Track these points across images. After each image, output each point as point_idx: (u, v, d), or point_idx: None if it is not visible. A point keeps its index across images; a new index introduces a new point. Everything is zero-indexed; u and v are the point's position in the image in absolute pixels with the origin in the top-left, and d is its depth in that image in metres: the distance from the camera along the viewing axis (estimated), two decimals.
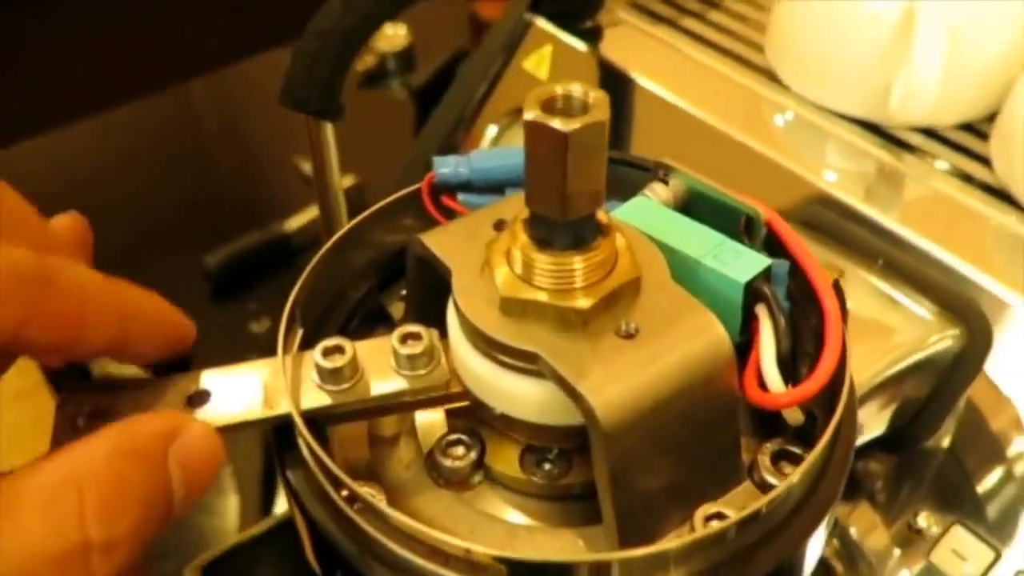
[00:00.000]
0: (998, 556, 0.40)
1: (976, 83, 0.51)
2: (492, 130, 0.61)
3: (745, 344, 0.29)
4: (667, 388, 0.26)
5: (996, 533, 0.40)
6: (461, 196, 0.34)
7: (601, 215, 0.27)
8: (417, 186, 0.34)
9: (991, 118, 0.51)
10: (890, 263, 0.44)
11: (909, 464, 0.45)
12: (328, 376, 0.28)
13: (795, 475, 0.25)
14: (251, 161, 0.90)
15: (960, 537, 0.41)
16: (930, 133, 0.52)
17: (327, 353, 0.28)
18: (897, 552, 0.43)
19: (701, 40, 0.61)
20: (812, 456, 0.26)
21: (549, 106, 0.25)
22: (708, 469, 0.27)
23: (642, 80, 0.57)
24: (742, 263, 0.29)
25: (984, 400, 0.43)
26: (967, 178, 0.49)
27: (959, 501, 0.42)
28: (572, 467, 0.29)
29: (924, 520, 0.42)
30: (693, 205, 0.32)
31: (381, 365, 0.29)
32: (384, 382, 0.28)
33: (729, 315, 0.29)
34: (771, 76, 0.57)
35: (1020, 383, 0.42)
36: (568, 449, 0.29)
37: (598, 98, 0.25)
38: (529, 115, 0.24)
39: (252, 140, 0.93)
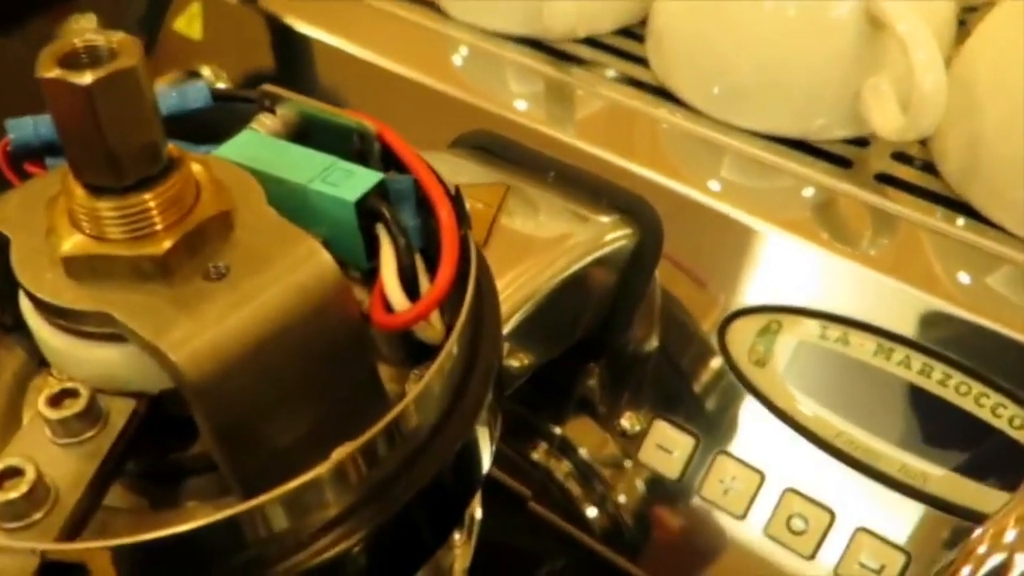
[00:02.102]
0: (698, 441, 0.40)
1: None
2: None
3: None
4: (268, 328, 0.23)
5: (693, 420, 0.41)
6: (50, 160, 0.30)
7: (170, 147, 0.24)
8: None
9: (645, 20, 0.51)
10: (562, 175, 0.44)
11: (621, 370, 0.45)
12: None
13: (414, 391, 0.24)
14: None
15: (662, 431, 0.41)
16: (594, 43, 0.52)
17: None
18: (617, 460, 0.43)
19: None
20: (432, 371, 0.24)
21: (70, 61, 0.22)
22: (345, 406, 0.25)
23: (305, 28, 0.54)
24: (352, 182, 0.27)
25: (684, 296, 0.43)
26: (632, 81, 0.50)
27: (659, 398, 0.42)
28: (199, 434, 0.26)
29: (628, 421, 0.42)
30: (310, 131, 0.30)
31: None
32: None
33: (349, 239, 0.27)
34: (436, 6, 0.55)
35: (712, 274, 0.43)
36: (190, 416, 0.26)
37: (124, 43, 0.22)
38: (45, 74, 0.21)
39: None
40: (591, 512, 0.43)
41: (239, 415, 0.23)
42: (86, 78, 0.21)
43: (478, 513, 0.36)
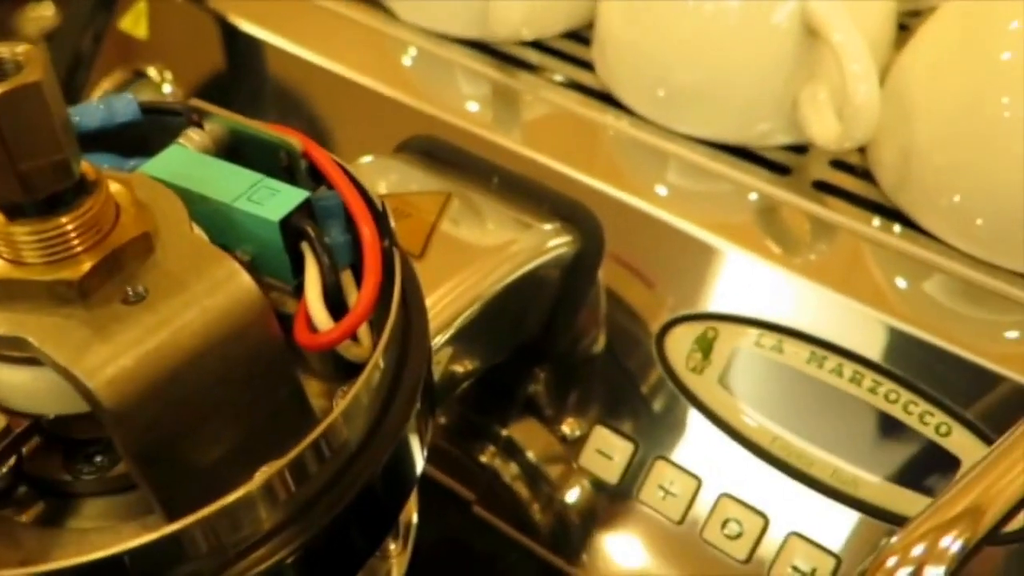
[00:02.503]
0: (637, 447, 0.41)
1: None
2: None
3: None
4: (187, 352, 0.23)
5: (633, 426, 0.41)
6: None
7: (87, 168, 0.24)
8: None
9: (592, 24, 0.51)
10: (505, 180, 0.44)
11: (562, 376, 0.45)
12: None
13: (338, 408, 0.24)
14: None
15: (602, 437, 0.41)
16: (542, 46, 0.52)
17: None
18: (559, 464, 0.43)
19: None
20: (356, 387, 0.24)
21: None
22: (271, 425, 0.25)
23: (251, 28, 0.54)
24: (277, 201, 0.27)
25: (625, 303, 0.44)
26: (578, 87, 0.50)
27: (599, 403, 0.42)
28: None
29: (568, 427, 0.42)
30: (240, 146, 0.30)
31: None
32: None
33: (275, 258, 0.27)
34: (384, 8, 0.55)
35: (651, 281, 0.43)
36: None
37: (30, 56, 0.21)
38: None
39: None
40: (534, 515, 0.44)
41: (159, 439, 0.23)
42: None
43: (415, 518, 0.37)
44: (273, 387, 0.25)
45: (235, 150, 0.30)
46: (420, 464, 0.29)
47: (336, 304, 0.27)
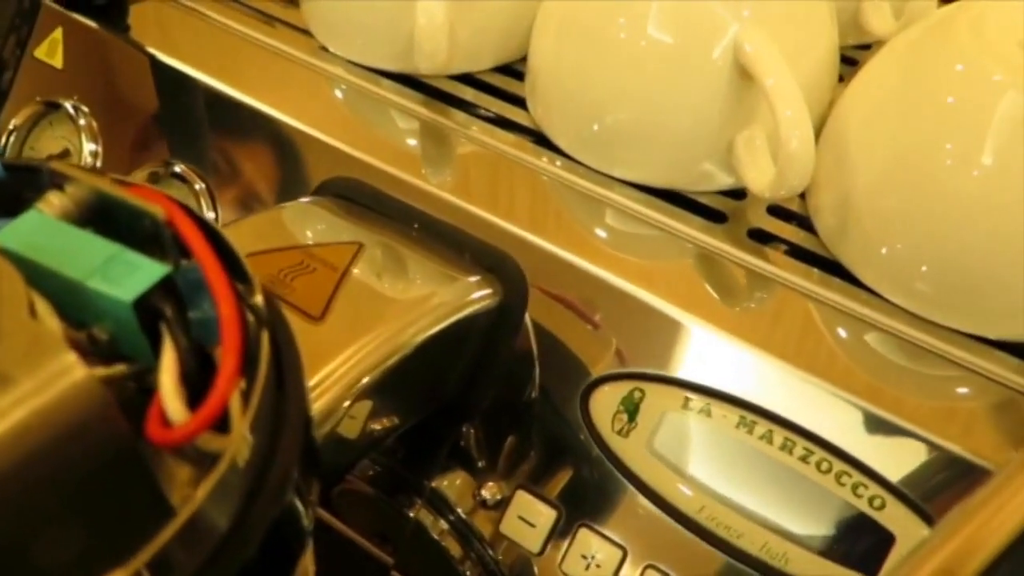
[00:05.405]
0: (560, 513, 0.39)
1: (496, 23, 0.49)
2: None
3: None
4: (11, 459, 0.21)
5: (556, 491, 0.39)
6: None
7: None
8: None
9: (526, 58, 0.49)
10: (427, 228, 0.42)
11: (484, 436, 0.43)
12: None
13: (180, 516, 0.21)
14: None
15: (525, 502, 0.39)
16: (476, 82, 0.50)
17: None
18: (480, 531, 0.41)
19: (244, 8, 0.55)
20: (196, 501, 0.22)
21: None
22: (123, 525, 0.23)
23: (172, 60, 0.51)
24: (134, 278, 0.24)
25: (549, 360, 0.41)
26: (511, 125, 0.48)
27: (522, 466, 0.40)
28: None
29: (489, 492, 0.40)
30: (107, 211, 0.27)
31: None
32: None
33: (132, 338, 0.25)
34: (316, 40, 0.52)
35: (577, 337, 0.41)
36: None
37: None
38: None
39: None
40: None
41: None
42: None
43: None
44: (122, 485, 0.23)
45: (103, 214, 0.27)
46: (307, 534, 0.27)
47: (196, 392, 0.25)
